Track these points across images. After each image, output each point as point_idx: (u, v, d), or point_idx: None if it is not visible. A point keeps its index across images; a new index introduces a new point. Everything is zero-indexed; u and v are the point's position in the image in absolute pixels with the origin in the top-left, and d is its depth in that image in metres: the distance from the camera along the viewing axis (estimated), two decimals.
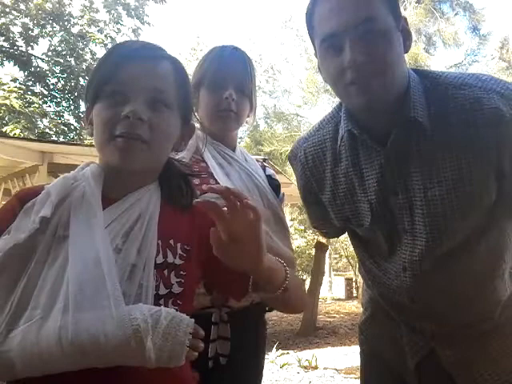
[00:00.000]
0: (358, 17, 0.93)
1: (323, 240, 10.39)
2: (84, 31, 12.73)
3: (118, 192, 0.86)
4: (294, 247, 1.46)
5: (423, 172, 1.01)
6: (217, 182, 1.29)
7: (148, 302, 0.77)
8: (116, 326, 0.70)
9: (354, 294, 16.57)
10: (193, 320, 0.75)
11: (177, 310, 0.77)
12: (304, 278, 16.82)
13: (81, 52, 12.71)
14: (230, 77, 1.33)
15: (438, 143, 1.00)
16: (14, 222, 0.79)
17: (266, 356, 5.67)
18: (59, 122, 12.19)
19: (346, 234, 1.32)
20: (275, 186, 1.44)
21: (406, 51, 1.01)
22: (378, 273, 1.17)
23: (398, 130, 1.01)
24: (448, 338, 1.13)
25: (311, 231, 18.64)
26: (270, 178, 1.45)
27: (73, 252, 0.76)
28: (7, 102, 10.02)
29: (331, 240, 14.16)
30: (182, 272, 0.84)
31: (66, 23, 12.40)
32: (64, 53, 12.42)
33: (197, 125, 1.48)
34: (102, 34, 12.93)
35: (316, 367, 5.86)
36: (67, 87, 12.52)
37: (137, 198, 0.85)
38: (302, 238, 19.17)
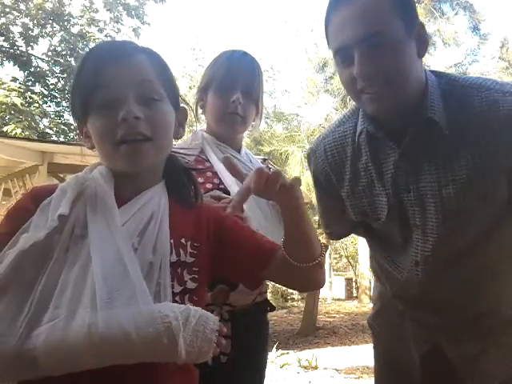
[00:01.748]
0: (366, 31, 0.97)
1: (323, 240, 10.40)
2: (84, 31, 12.73)
3: (129, 191, 0.86)
4: None
5: (438, 170, 1.05)
6: (221, 181, 1.30)
7: (167, 299, 0.78)
8: (146, 323, 0.71)
9: (354, 294, 16.58)
10: (218, 318, 0.77)
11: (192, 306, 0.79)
12: None
13: (81, 52, 12.69)
14: (238, 81, 1.34)
15: (454, 143, 1.03)
16: (27, 220, 0.79)
17: None
18: (59, 121, 12.20)
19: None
20: None
21: (421, 56, 1.04)
22: (388, 268, 1.21)
23: (415, 130, 1.05)
24: (454, 332, 1.16)
25: None
26: None
27: (95, 251, 0.76)
28: (8, 100, 10.02)
29: (331, 240, 14.15)
30: (194, 268, 0.86)
31: (65, 23, 12.41)
32: (64, 53, 12.43)
33: (203, 126, 1.49)
34: (101, 33, 12.94)
35: (316, 367, 5.86)
36: (67, 87, 12.52)
37: (148, 198, 0.86)
38: None
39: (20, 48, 11.99)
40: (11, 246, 0.75)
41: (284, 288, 14.42)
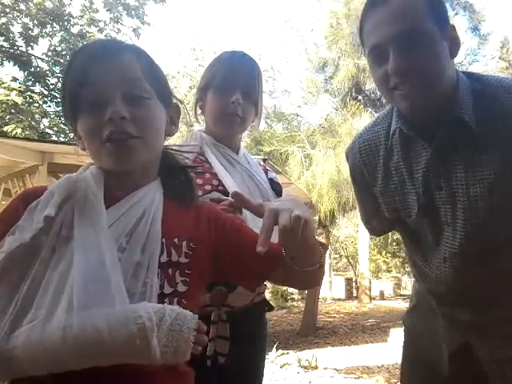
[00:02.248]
0: (401, 28, 1.00)
1: (323, 240, 10.39)
2: (84, 31, 12.72)
3: (121, 189, 0.85)
4: None
5: (467, 169, 1.07)
6: (220, 183, 1.30)
7: (152, 300, 0.77)
8: (120, 324, 0.70)
9: (354, 294, 16.58)
10: (196, 316, 0.76)
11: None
12: None
13: None
14: (237, 81, 1.34)
15: (483, 142, 1.05)
16: (16, 222, 0.79)
17: (266, 356, 5.67)
18: (59, 121, 12.20)
19: (344, 236, 1.36)
20: (278, 189, 1.46)
21: (453, 57, 1.08)
22: (421, 264, 1.24)
23: (445, 128, 1.07)
24: (484, 331, 1.16)
25: None
26: (271, 180, 1.46)
27: (77, 253, 0.76)
28: (8, 99, 10.01)
29: (331, 240, 14.16)
30: (187, 271, 0.85)
31: (65, 23, 12.40)
32: (64, 53, 12.41)
33: (201, 127, 1.49)
34: (101, 33, 12.93)
35: (316, 367, 5.86)
36: None
37: (140, 197, 0.85)
38: None
39: (20, 48, 11.98)
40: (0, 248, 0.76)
41: (284, 288, 14.41)
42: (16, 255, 0.75)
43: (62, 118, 12.54)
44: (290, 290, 16.03)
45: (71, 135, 12.36)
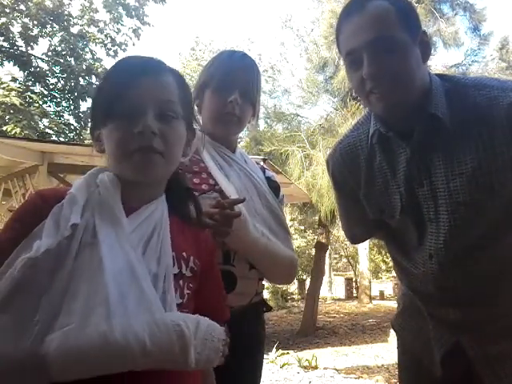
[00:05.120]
0: (375, 35, 1.06)
1: (323, 240, 10.38)
2: (84, 31, 12.73)
3: (134, 201, 0.87)
4: (294, 247, 1.48)
5: (445, 165, 1.11)
6: (216, 182, 1.30)
7: (172, 309, 0.80)
8: (160, 331, 0.73)
9: (354, 294, 16.58)
10: (223, 327, 0.82)
11: None
12: (304, 277, 16.83)
13: (81, 52, 12.71)
14: (236, 81, 1.34)
15: (458, 138, 1.10)
16: (37, 224, 0.79)
17: (266, 356, 5.68)
18: (59, 121, 12.20)
19: (344, 236, 1.38)
20: (275, 187, 1.45)
21: (425, 61, 1.13)
22: (406, 264, 1.25)
23: (421, 126, 1.12)
24: (474, 330, 1.18)
25: (311, 231, 18.60)
26: (269, 179, 1.46)
27: (105, 259, 0.76)
28: (7, 99, 10.01)
29: (331, 240, 14.15)
30: (190, 284, 0.89)
31: (65, 23, 12.40)
32: (64, 53, 12.42)
33: (198, 126, 1.49)
34: (102, 34, 12.94)
35: (316, 367, 5.87)
36: (67, 87, 12.52)
37: (152, 210, 0.88)
38: (302, 238, 19.16)
39: (20, 48, 11.98)
40: (21, 251, 0.75)
41: (284, 288, 14.40)
42: (42, 261, 0.74)
43: (62, 118, 12.56)
44: (290, 289, 16.03)
45: (71, 135, 12.38)
